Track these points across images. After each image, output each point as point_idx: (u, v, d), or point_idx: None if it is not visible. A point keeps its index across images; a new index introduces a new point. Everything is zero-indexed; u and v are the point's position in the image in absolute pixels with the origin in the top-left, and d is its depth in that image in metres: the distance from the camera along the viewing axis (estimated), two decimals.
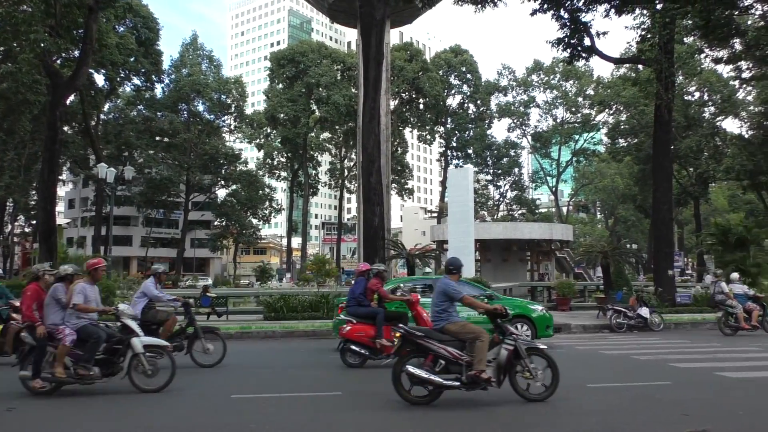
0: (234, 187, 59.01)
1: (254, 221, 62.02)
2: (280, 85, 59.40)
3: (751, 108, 45.24)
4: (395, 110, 55.09)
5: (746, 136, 45.67)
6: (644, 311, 16.22)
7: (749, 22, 26.85)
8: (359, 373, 9.39)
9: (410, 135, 72.29)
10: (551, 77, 59.31)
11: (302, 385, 8.14)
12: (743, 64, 30.18)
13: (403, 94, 58.30)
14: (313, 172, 65.91)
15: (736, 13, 21.97)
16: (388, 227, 29.86)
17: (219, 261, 78.01)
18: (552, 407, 6.53)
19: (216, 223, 65.14)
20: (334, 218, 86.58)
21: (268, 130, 61.61)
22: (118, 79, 42.69)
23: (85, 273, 8.01)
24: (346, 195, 71.94)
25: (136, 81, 45.82)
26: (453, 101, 61.26)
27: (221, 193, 62.24)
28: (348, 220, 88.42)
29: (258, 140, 62.03)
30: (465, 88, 60.51)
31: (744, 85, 41.16)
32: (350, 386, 7.95)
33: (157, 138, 52.61)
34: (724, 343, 13.05)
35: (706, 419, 5.70)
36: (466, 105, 61.19)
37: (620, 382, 8.03)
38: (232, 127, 59.52)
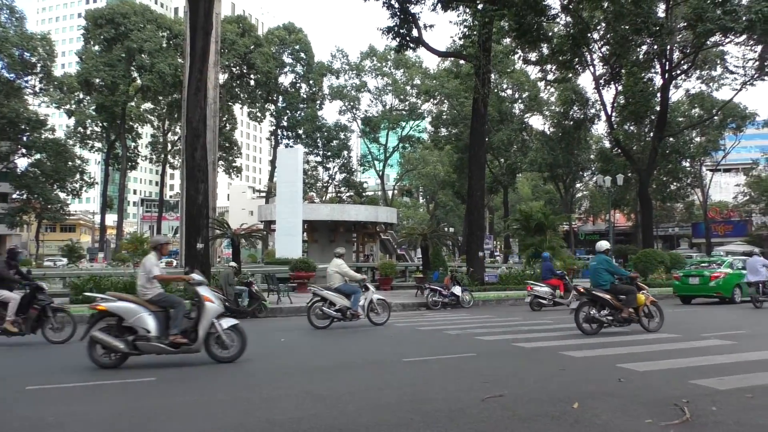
0: (38, 156, 52.94)
1: (62, 195, 56.39)
2: (97, 47, 54.33)
3: (553, 107, 50.59)
4: (225, 84, 53.13)
5: (548, 132, 51.08)
6: (457, 290, 17.54)
7: (555, 30, 29.88)
8: (181, 359, 9.01)
9: (240, 111, 70.29)
10: (383, 64, 60.96)
11: (112, 372, 7.62)
12: (549, 67, 33.44)
13: (234, 69, 56.43)
14: (133, 144, 61.46)
15: (545, 20, 24.35)
16: (214, 206, 28.82)
17: (18, 238, 69.77)
18: (369, 382, 6.81)
19: (15, 195, 58.12)
20: (155, 195, 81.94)
21: (81, 96, 56.17)
22: None
23: None
24: (169, 171, 68.23)
25: None
26: (285, 80, 60.58)
27: (22, 162, 55.58)
28: (170, 197, 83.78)
29: (68, 106, 56.18)
30: (298, 67, 60.05)
31: (548, 87, 45.70)
32: (165, 373, 7.60)
33: None
34: (524, 317, 14.52)
35: (503, 385, 6.32)
36: (298, 85, 60.79)
37: (433, 356, 8.60)
38: (37, 89, 53.19)
